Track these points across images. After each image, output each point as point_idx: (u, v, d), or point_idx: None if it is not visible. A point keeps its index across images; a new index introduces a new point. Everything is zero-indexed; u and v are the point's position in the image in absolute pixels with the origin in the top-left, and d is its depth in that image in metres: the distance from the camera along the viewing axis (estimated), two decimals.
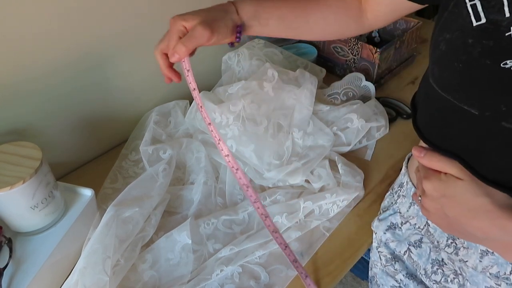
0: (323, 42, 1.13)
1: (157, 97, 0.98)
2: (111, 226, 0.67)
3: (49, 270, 0.62)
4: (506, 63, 0.38)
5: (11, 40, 0.67)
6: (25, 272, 0.59)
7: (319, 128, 0.90)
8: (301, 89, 0.88)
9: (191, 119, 0.92)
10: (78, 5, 0.73)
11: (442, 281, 0.62)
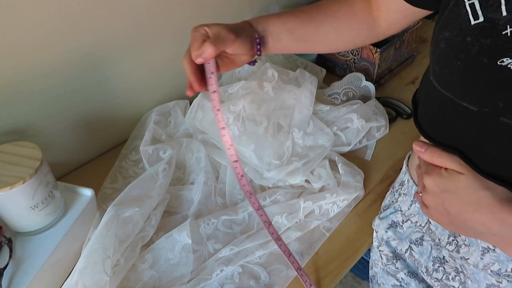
0: None
1: (157, 97, 0.98)
2: (111, 226, 0.67)
3: (49, 270, 0.62)
4: (503, 61, 0.39)
5: (11, 40, 0.67)
6: (25, 272, 0.59)
7: (319, 128, 0.90)
8: (301, 89, 0.88)
9: (191, 119, 0.92)
10: (78, 5, 0.73)
11: (444, 279, 0.62)
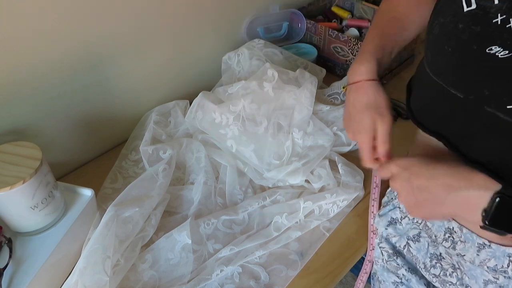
0: (323, 42, 1.13)
1: (157, 97, 0.98)
2: (111, 226, 0.67)
3: (49, 270, 0.62)
4: (491, 49, 0.39)
5: (11, 40, 0.67)
6: (25, 272, 0.59)
7: (319, 128, 0.89)
8: (301, 89, 0.88)
9: (191, 119, 0.92)
10: (78, 5, 0.73)
11: (441, 275, 0.62)
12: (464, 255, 0.57)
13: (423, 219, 0.63)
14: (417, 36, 1.14)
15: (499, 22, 0.38)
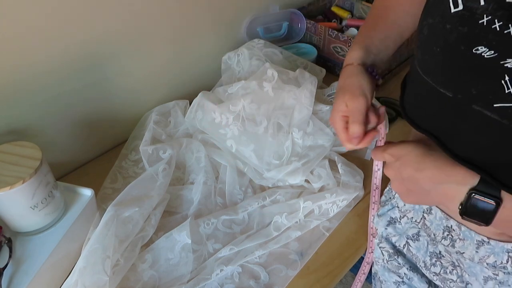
0: (323, 42, 1.13)
1: (157, 97, 0.98)
2: (111, 226, 0.67)
3: (49, 270, 0.62)
4: (478, 49, 0.40)
5: (10, 39, 0.67)
6: (25, 272, 0.59)
7: (319, 128, 0.90)
8: (301, 89, 0.88)
9: (191, 119, 0.92)
10: (78, 4, 0.73)
11: (442, 273, 0.63)
12: (464, 253, 0.57)
13: (422, 219, 0.63)
14: (417, 36, 1.14)
15: (485, 23, 0.39)
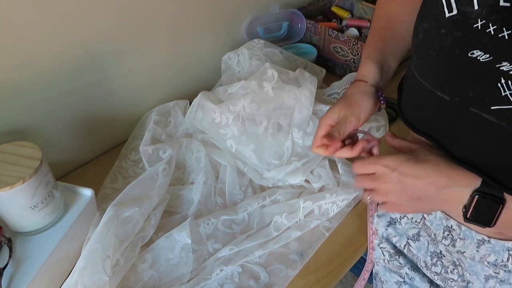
0: (323, 42, 1.13)
1: (157, 97, 0.98)
2: (111, 226, 0.67)
3: (49, 270, 0.62)
4: (473, 53, 0.41)
5: (10, 39, 0.67)
6: (25, 272, 0.59)
7: None
8: (301, 89, 0.88)
9: (191, 119, 0.92)
10: (79, 4, 0.73)
11: (443, 272, 0.63)
12: (464, 252, 0.57)
13: (422, 219, 0.63)
14: None
15: (479, 27, 0.39)
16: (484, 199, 0.45)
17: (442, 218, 0.58)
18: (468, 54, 0.41)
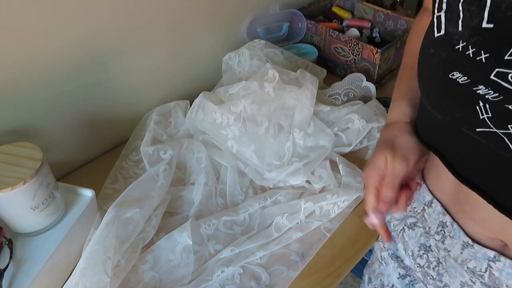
0: (324, 42, 1.13)
1: (158, 97, 0.97)
2: (112, 227, 0.67)
3: (50, 271, 0.62)
4: (453, 75, 0.41)
5: (10, 39, 0.67)
6: (26, 273, 0.59)
7: (320, 129, 0.89)
8: (302, 90, 0.88)
9: (192, 120, 0.92)
10: (79, 4, 0.73)
11: (425, 267, 0.63)
12: (450, 251, 0.57)
13: (422, 210, 0.63)
14: None
15: (461, 49, 0.39)
16: None
17: (440, 213, 0.58)
18: (449, 75, 0.41)
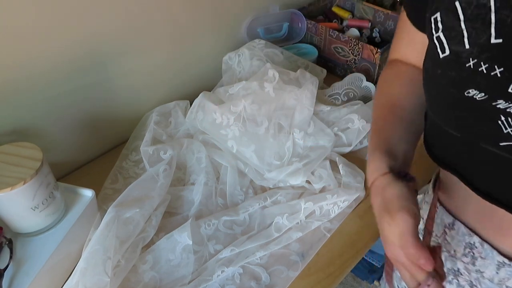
0: (324, 42, 1.13)
1: (158, 97, 0.97)
2: (112, 227, 0.67)
3: (50, 271, 0.62)
4: (469, 92, 0.40)
5: (10, 39, 0.67)
6: (26, 273, 0.59)
7: (320, 129, 0.89)
8: (302, 90, 0.88)
9: (192, 120, 0.92)
10: (79, 4, 0.72)
11: None
12: (484, 272, 0.55)
13: (443, 233, 0.60)
14: None
15: (472, 66, 0.39)
16: None
17: (465, 234, 0.56)
18: (465, 93, 0.40)
